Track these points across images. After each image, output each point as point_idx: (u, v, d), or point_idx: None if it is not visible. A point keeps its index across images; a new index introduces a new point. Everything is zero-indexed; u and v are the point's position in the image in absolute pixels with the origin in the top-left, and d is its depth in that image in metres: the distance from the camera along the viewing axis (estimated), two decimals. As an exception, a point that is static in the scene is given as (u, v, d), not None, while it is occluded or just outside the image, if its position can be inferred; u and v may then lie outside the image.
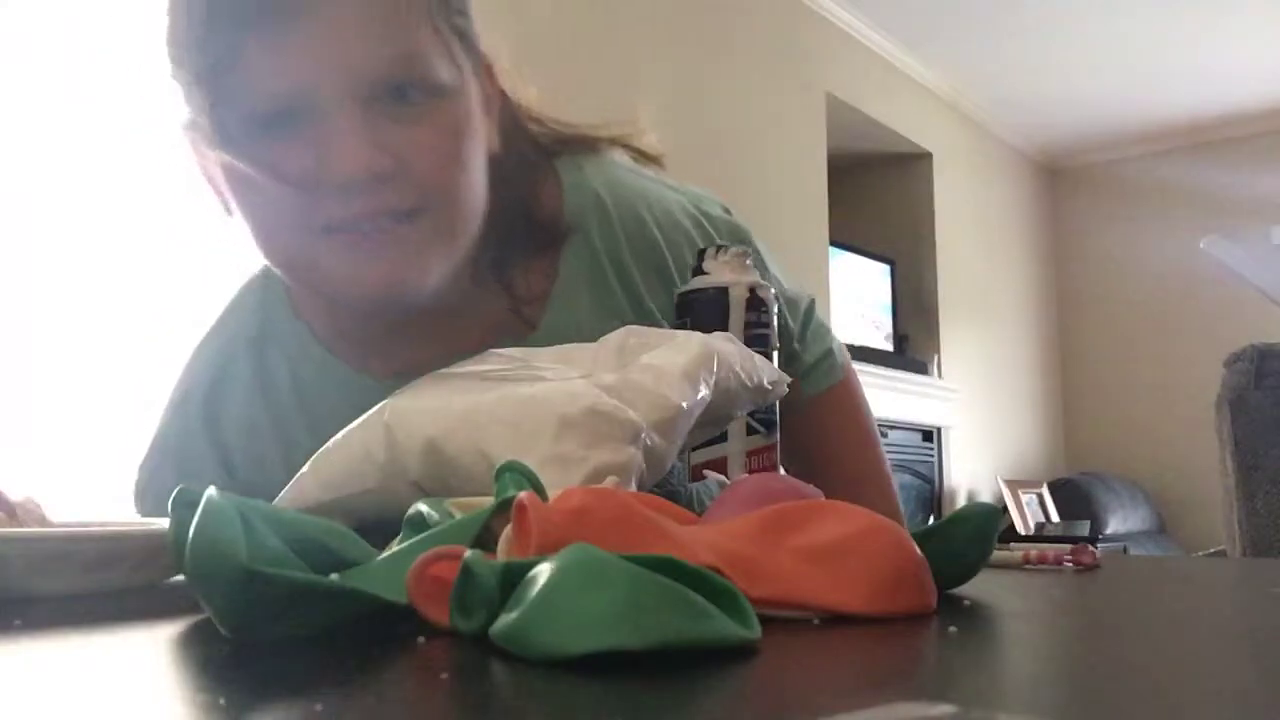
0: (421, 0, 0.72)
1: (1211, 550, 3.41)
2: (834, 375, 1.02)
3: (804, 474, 1.01)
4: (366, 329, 0.84)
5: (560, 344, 0.77)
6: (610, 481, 0.56)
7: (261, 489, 0.75)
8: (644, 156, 0.94)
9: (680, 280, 0.86)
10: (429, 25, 0.72)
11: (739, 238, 0.94)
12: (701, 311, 0.80)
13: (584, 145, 0.91)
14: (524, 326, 0.85)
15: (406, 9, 0.71)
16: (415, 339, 0.82)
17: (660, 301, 0.88)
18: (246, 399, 0.86)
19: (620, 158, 0.93)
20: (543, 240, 0.86)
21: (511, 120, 0.85)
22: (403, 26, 0.71)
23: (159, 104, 0.88)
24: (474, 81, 0.77)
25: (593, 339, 0.78)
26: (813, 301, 1.03)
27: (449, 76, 0.73)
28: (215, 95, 0.70)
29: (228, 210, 0.77)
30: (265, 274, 0.87)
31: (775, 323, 0.82)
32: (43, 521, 0.61)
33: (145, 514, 0.87)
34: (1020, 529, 4.85)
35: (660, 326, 0.85)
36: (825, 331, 1.04)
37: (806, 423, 1.00)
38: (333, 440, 0.67)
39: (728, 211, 0.97)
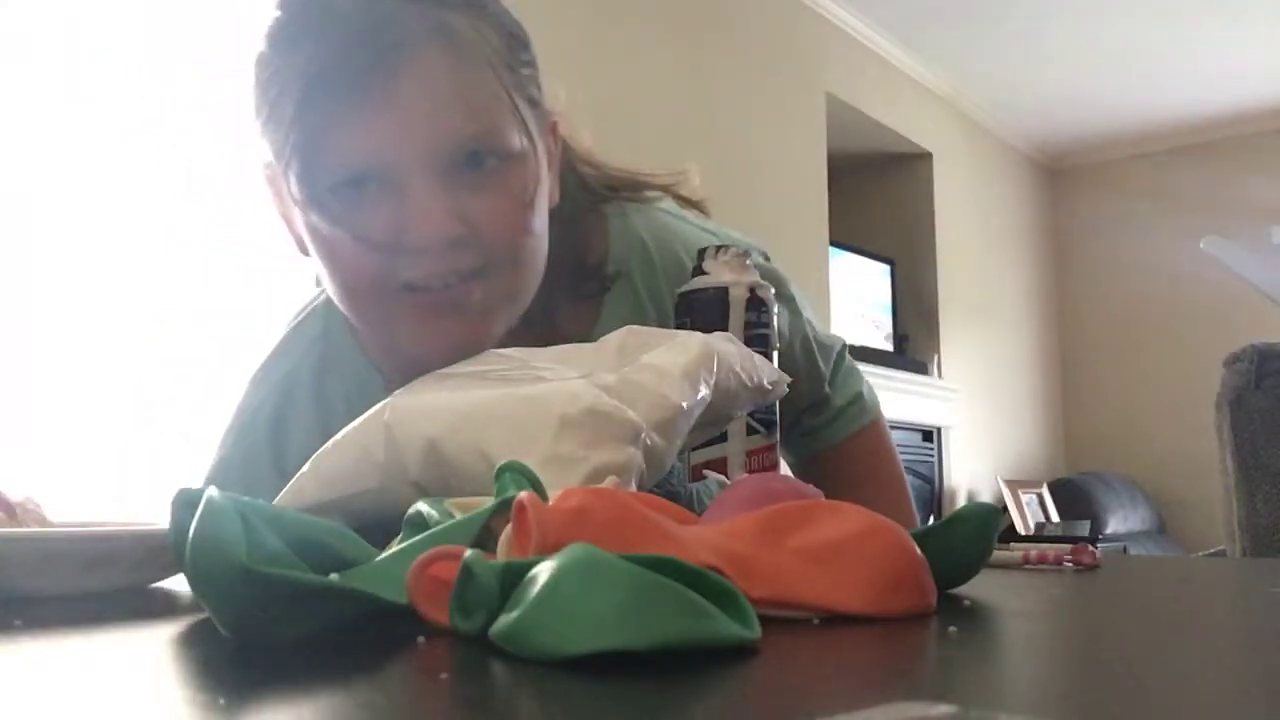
0: (498, 77, 0.76)
1: (1211, 550, 3.41)
2: (864, 418, 1.04)
3: None
4: (422, 370, 0.86)
5: None
6: (610, 481, 0.56)
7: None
8: (687, 203, 0.97)
9: None
10: (505, 100, 0.76)
11: (776, 285, 0.96)
12: (701, 311, 0.80)
13: (632, 188, 0.94)
14: None
15: (484, 86, 0.75)
16: None
17: None
18: (308, 430, 0.87)
19: (664, 203, 0.96)
20: (589, 285, 0.89)
21: (568, 167, 0.88)
22: (480, 103, 0.75)
23: (159, 105, 0.89)
24: (541, 144, 0.81)
25: None
26: (845, 346, 1.05)
27: (520, 144, 0.77)
28: (304, 162, 0.74)
29: (304, 250, 0.81)
30: (328, 305, 0.89)
31: (775, 323, 0.82)
32: (43, 521, 0.61)
33: None
34: (1020, 529, 4.85)
35: None
36: (856, 375, 1.06)
37: (836, 465, 1.03)
38: (332, 440, 0.67)
39: (766, 258, 0.99)
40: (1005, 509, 4.83)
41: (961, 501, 4.83)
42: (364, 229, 0.74)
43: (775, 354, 0.81)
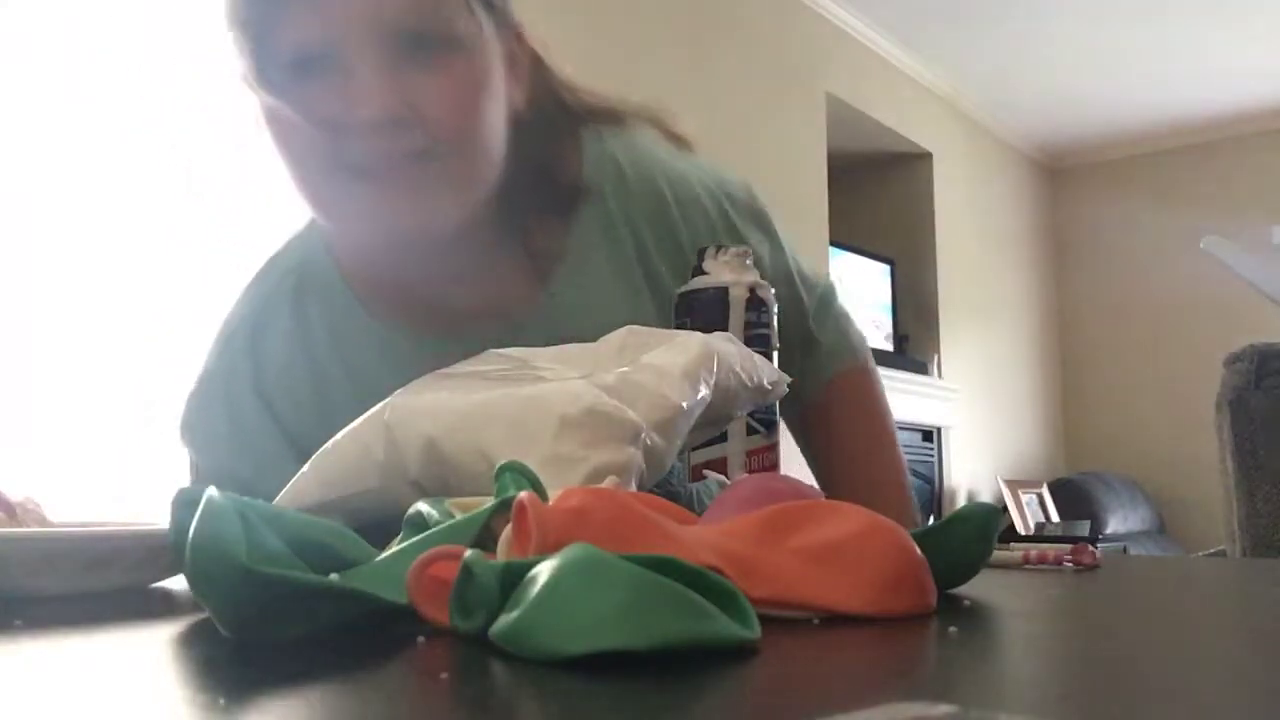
0: None
1: (1211, 550, 3.41)
2: (852, 359, 1.02)
3: (820, 473, 1.00)
4: (398, 280, 0.89)
5: (572, 302, 0.85)
6: (610, 481, 0.56)
7: (294, 428, 0.85)
8: (674, 138, 0.98)
9: (693, 255, 0.88)
10: None
11: (759, 220, 0.97)
12: (701, 311, 0.80)
13: (612, 117, 0.94)
14: (537, 282, 0.88)
15: None
16: (440, 291, 0.88)
17: (674, 272, 0.90)
18: (285, 343, 0.90)
19: (646, 133, 0.96)
20: (560, 200, 0.89)
21: (542, 84, 0.89)
22: None
23: (159, 105, 0.90)
24: (497, 41, 0.82)
25: (605, 300, 0.85)
26: (832, 287, 1.04)
27: (467, 32, 0.78)
28: (257, 43, 0.77)
29: None
30: (310, 227, 0.92)
31: (775, 323, 0.82)
32: (43, 521, 0.61)
33: (193, 447, 0.92)
34: (1020, 529, 4.85)
35: (671, 293, 0.87)
36: (846, 320, 1.05)
37: (823, 412, 1.01)
38: (332, 440, 0.67)
39: (751, 195, 0.99)
40: (1005, 509, 4.83)
41: (961, 501, 4.83)
42: (311, 108, 0.76)
43: (775, 354, 0.81)
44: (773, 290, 0.82)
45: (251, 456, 0.88)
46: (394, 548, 0.47)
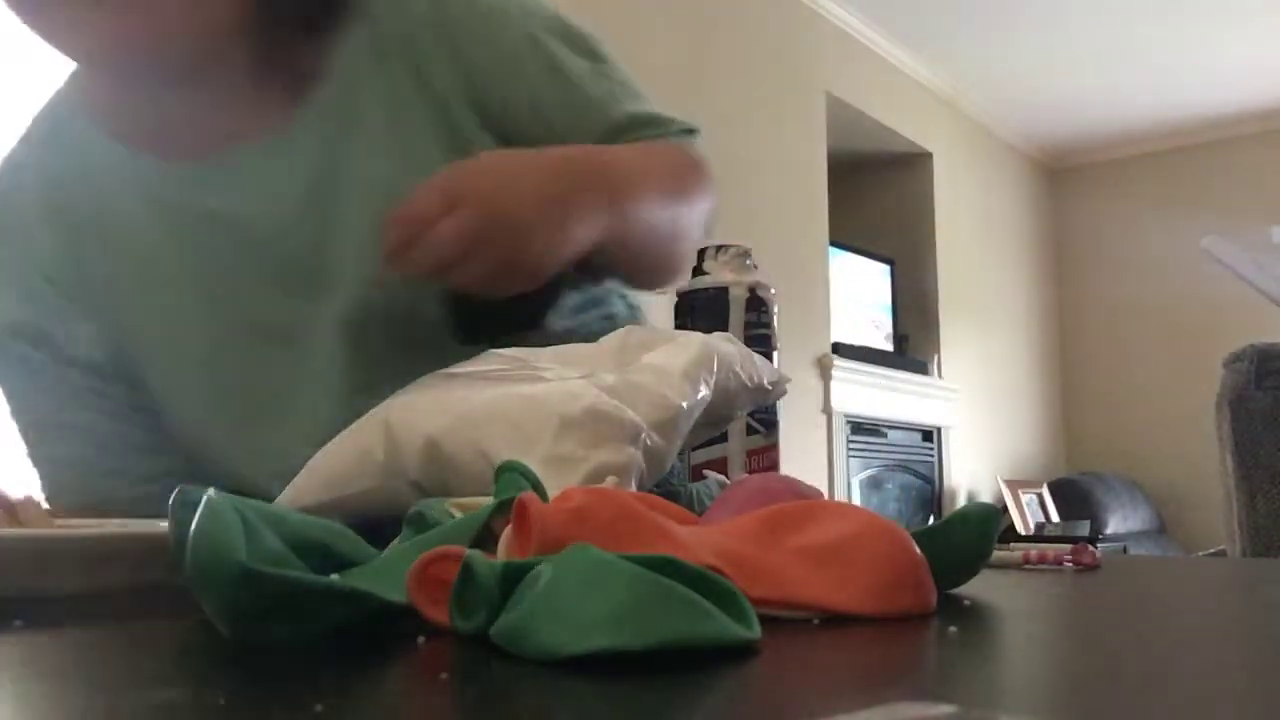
0: None
1: (1211, 550, 3.42)
2: (688, 138, 0.90)
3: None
4: (143, 109, 0.85)
5: (334, 124, 0.80)
6: (610, 481, 0.56)
7: (54, 273, 0.83)
8: None
9: (498, 74, 0.83)
10: None
11: (585, 40, 0.93)
12: (701, 311, 0.80)
13: None
14: (294, 103, 0.83)
15: None
16: (188, 116, 0.84)
17: (460, 90, 0.83)
18: (35, 195, 0.87)
19: None
20: (316, 16, 0.83)
21: None
22: None
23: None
24: None
25: (376, 124, 0.80)
26: (686, 130, 0.93)
27: None
28: None
29: None
30: (68, 80, 0.89)
31: (775, 322, 0.82)
32: (43, 521, 0.61)
33: None
34: (1020, 529, 4.85)
35: (461, 130, 0.82)
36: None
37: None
38: (333, 440, 0.67)
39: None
40: (1005, 509, 4.83)
41: (961, 501, 4.83)
42: None
43: (775, 354, 0.81)
44: (772, 290, 0.82)
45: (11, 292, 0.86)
46: (394, 547, 0.47)
